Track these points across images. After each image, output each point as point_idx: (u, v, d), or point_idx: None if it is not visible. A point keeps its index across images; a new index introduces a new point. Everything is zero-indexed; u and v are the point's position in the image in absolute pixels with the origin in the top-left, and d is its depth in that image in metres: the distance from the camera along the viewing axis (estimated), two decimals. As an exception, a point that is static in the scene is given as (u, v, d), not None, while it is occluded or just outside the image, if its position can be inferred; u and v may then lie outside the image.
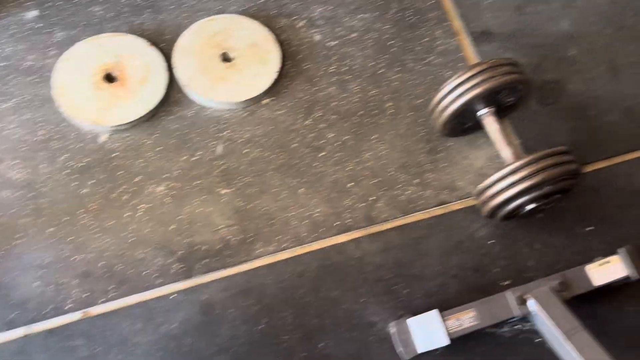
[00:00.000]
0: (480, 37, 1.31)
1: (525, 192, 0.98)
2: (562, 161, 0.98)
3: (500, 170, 0.99)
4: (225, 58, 1.20)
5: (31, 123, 1.14)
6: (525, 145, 1.20)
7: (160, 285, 1.05)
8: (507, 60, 1.07)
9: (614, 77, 1.29)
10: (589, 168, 1.20)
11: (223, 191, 1.11)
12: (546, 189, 0.98)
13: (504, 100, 1.11)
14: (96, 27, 1.23)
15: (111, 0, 1.27)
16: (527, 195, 0.99)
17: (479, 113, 1.10)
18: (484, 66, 1.04)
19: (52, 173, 1.10)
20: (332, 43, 1.27)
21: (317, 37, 1.27)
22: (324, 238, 1.10)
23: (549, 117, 1.24)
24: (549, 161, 0.97)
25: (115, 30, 1.23)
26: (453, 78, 1.05)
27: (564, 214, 1.15)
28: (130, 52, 1.18)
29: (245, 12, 1.27)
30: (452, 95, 1.05)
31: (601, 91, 1.27)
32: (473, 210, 1.13)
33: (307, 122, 1.19)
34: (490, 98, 1.07)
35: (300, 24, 1.28)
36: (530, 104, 1.25)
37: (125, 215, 1.08)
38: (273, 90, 1.20)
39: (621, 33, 1.34)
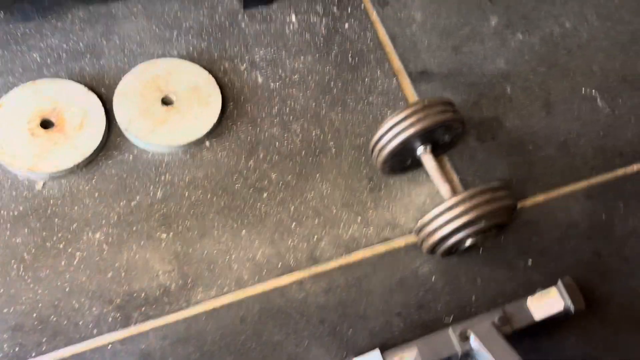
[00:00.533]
0: (419, 76, 1.35)
1: (462, 228, 0.99)
2: (497, 197, 1.00)
3: (436, 207, 1.01)
4: (166, 101, 1.20)
5: (-37, 171, 1.11)
6: (465, 181, 1.22)
7: (97, 336, 1.01)
8: (440, 100, 1.10)
9: (548, 112, 1.34)
10: (528, 202, 1.23)
11: (162, 236, 1.10)
12: (482, 225, 0.99)
13: (441, 138, 1.13)
14: (34, 73, 1.22)
15: (51, 45, 1.26)
16: (464, 231, 1.00)
17: (416, 151, 1.12)
18: (418, 106, 1.06)
19: (-17, 222, 1.07)
20: (275, 85, 1.28)
21: (260, 79, 1.28)
22: (267, 280, 1.08)
23: (487, 153, 1.27)
24: (483, 197, 0.99)
25: (55, 76, 1.22)
26: (389, 118, 1.08)
27: (505, 247, 1.17)
28: (68, 97, 1.17)
29: (187, 56, 1.28)
30: (389, 135, 1.07)
31: (537, 127, 1.32)
32: (415, 246, 1.14)
33: (249, 163, 1.19)
34: (426, 136, 1.09)
35: (243, 66, 1.29)
36: (469, 141, 1.28)
37: (61, 264, 1.06)
38: (215, 132, 1.20)
39: (553, 71, 1.39)
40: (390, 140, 1.07)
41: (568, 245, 1.19)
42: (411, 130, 1.05)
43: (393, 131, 1.07)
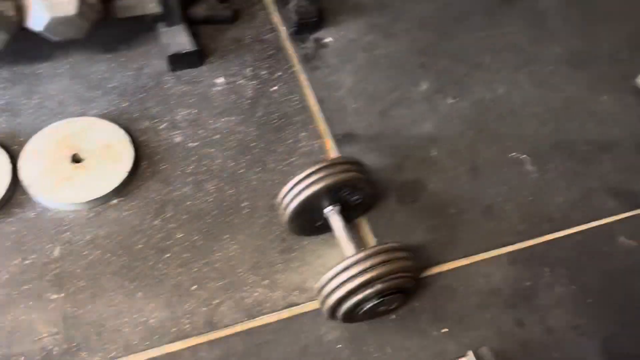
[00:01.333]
0: (343, 139, 1.33)
1: (355, 291, 0.94)
2: (394, 257, 0.96)
3: (331, 269, 0.96)
4: (76, 159, 1.18)
5: None
6: (382, 244, 1.18)
7: (-36, 404, 0.94)
8: (345, 159, 1.08)
9: (474, 176, 1.31)
10: (447, 267, 1.18)
11: (53, 296, 1.05)
12: (376, 287, 0.94)
13: (349, 199, 1.10)
14: (-52, 130, 1.21)
15: (-30, 104, 1.26)
16: (358, 294, 0.95)
17: (324, 211, 1.09)
18: (319, 166, 1.04)
19: None
20: (193, 144, 1.27)
21: (178, 139, 1.27)
22: (158, 346, 1.02)
23: (407, 215, 1.23)
24: (378, 258, 0.95)
25: (-31, 132, 1.22)
26: (291, 178, 1.05)
27: (419, 314, 1.11)
28: (-24, 153, 1.16)
29: (106, 115, 1.27)
30: (291, 194, 1.04)
31: (462, 190, 1.29)
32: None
33: (155, 222, 1.15)
34: (331, 196, 1.06)
35: (162, 126, 1.29)
36: (389, 203, 1.24)
37: (-61, 324, 1.00)
38: (123, 190, 1.18)
39: (483, 135, 1.38)
40: (292, 200, 1.04)
41: (488, 313, 1.12)
42: (312, 189, 1.02)
43: (294, 191, 1.04)
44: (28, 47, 1.32)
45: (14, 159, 1.17)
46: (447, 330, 1.10)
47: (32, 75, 1.32)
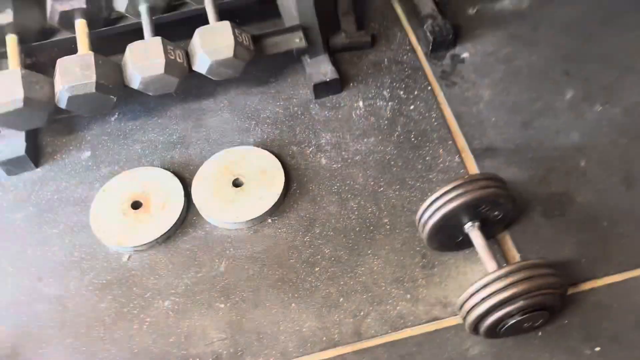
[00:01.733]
0: (483, 153, 1.34)
1: (498, 307, 0.95)
2: (536, 274, 0.95)
3: (473, 284, 0.98)
4: (236, 184, 1.33)
5: (70, 246, 1.32)
6: (527, 259, 1.16)
7: (154, 396, 1.11)
8: (484, 175, 1.09)
9: (628, 186, 1.24)
10: (599, 283, 1.13)
11: (220, 305, 1.19)
12: (519, 304, 0.94)
13: (489, 214, 1.11)
14: (135, 162, 1.43)
15: (150, 139, 1.47)
16: (500, 310, 0.95)
17: (464, 227, 1.11)
18: (459, 182, 1.07)
19: (78, 289, 1.25)
20: (337, 165, 1.36)
21: (323, 161, 1.37)
22: (310, 353, 1.11)
23: (554, 229, 1.20)
24: (522, 274, 0.95)
25: (150, 164, 1.42)
26: (429, 195, 1.09)
27: (568, 332, 1.08)
28: (157, 182, 1.35)
29: (260, 143, 1.41)
30: (429, 211, 1.08)
31: (614, 202, 1.23)
32: (465, 327, 1.10)
33: (305, 238, 1.26)
34: (470, 212, 1.08)
35: (309, 150, 1.40)
36: (534, 217, 1.23)
37: (133, 328, 1.19)
38: (277, 210, 1.30)
39: (636, 142, 1.30)
40: (430, 217, 1.08)
41: (646, 333, 1.06)
42: (450, 206, 1.05)
43: (432, 208, 1.07)
44: (194, 87, 1.52)
45: (186, 185, 1.35)
46: (599, 349, 1.05)
47: (198, 110, 1.50)
